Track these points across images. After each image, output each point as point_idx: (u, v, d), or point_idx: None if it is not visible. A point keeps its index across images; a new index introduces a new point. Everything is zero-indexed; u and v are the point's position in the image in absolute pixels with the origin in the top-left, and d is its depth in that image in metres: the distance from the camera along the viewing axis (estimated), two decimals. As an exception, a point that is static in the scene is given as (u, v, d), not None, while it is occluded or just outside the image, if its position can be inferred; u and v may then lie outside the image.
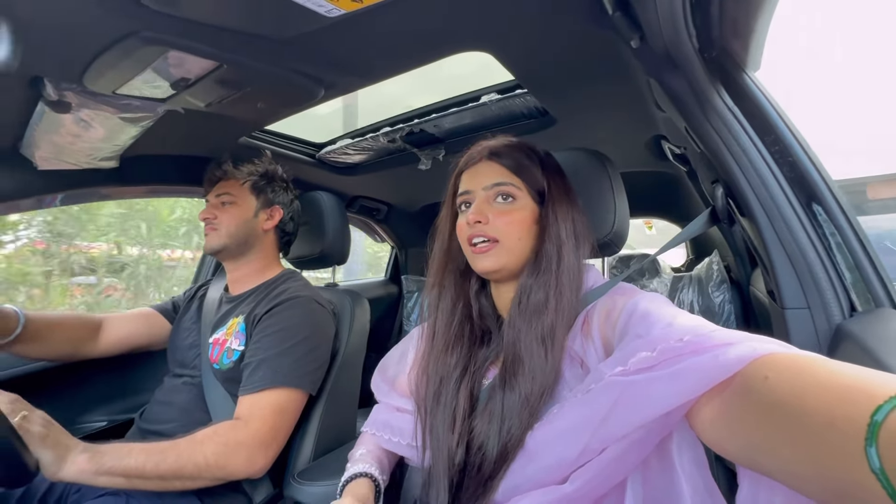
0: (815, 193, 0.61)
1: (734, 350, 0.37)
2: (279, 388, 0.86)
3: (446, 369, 0.64)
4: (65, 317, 1.02)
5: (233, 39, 0.68)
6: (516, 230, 0.62)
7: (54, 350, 0.99)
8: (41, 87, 0.74)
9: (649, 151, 1.36)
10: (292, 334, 0.92)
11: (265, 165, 1.10)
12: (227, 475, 0.79)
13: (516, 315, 0.60)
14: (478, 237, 0.62)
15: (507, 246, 0.62)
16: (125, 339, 1.08)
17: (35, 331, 0.93)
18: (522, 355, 0.57)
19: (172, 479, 0.75)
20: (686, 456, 0.44)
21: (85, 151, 0.95)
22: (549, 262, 0.60)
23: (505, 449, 0.53)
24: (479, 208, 0.63)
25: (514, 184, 0.64)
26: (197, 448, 0.77)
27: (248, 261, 1.07)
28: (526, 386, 0.55)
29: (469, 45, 0.79)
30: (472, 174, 0.67)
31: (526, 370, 0.56)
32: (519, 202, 0.63)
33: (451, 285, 0.69)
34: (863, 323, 0.53)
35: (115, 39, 0.63)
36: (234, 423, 0.82)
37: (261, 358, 0.89)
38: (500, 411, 0.56)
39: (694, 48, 0.64)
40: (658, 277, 1.75)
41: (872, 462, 0.24)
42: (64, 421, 1.13)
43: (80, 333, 1.02)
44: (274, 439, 0.84)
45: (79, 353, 1.03)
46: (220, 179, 1.07)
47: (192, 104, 0.85)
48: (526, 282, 0.61)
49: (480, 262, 0.62)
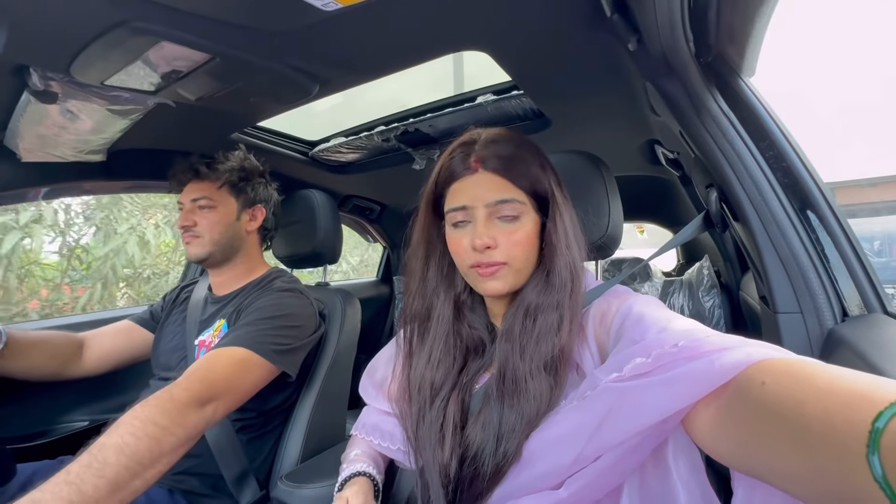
0: (808, 199, 0.62)
1: (730, 355, 0.37)
2: (237, 348, 0.81)
3: (433, 389, 0.60)
4: (49, 334, 0.99)
5: (226, 31, 0.66)
6: (523, 251, 0.57)
7: (38, 367, 0.95)
8: (26, 77, 0.72)
9: (643, 156, 1.37)
10: (263, 313, 0.90)
11: (240, 161, 1.04)
12: (188, 432, 0.68)
13: (517, 330, 0.56)
14: (486, 265, 0.56)
15: (515, 268, 0.57)
16: (107, 355, 1.05)
17: (18, 348, 0.90)
18: (527, 379, 0.53)
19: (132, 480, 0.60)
20: (682, 461, 0.44)
21: (71, 144, 0.93)
22: (564, 283, 0.56)
23: (499, 466, 0.52)
24: (487, 231, 0.56)
25: (518, 199, 0.57)
26: (138, 424, 0.63)
27: (233, 264, 1.04)
28: (529, 409, 0.52)
29: (467, 43, 0.79)
30: (469, 185, 0.58)
31: (531, 395, 0.52)
32: (523, 218, 0.57)
33: (434, 298, 0.64)
34: (854, 328, 0.54)
35: (104, 28, 0.62)
36: (174, 382, 0.73)
37: (229, 333, 0.87)
38: (496, 426, 0.53)
39: (691, 52, 0.65)
40: (649, 281, 1.76)
41: (875, 470, 0.23)
42: (45, 420, 1.12)
43: (64, 350, 0.99)
44: (227, 390, 0.76)
45: (64, 372, 1.00)
46: (192, 180, 1.00)
47: (182, 97, 0.84)
48: (533, 299, 0.57)
49: (488, 284, 0.57)
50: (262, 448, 0.96)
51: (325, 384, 1.03)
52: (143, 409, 0.66)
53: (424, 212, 0.64)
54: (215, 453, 0.87)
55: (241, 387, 0.80)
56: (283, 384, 0.94)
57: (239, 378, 0.79)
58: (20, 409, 1.04)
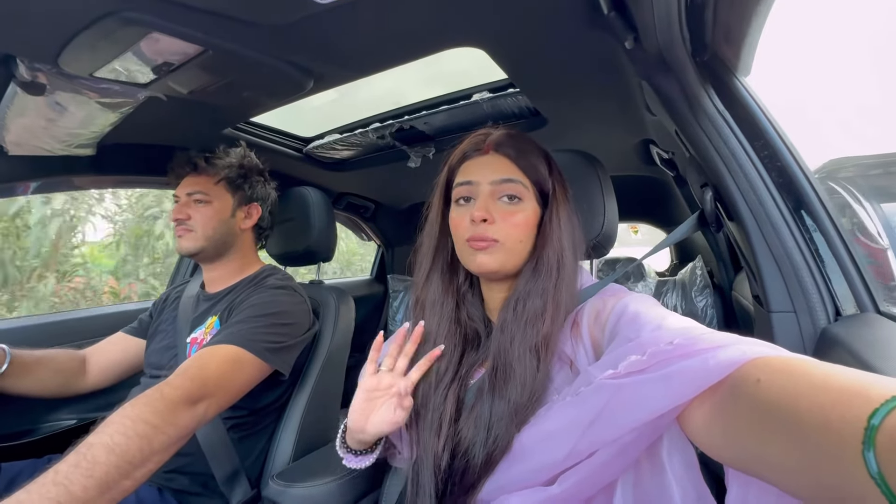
0: (802, 198, 0.62)
1: (724, 353, 0.37)
2: (229, 346, 0.81)
3: (437, 375, 0.62)
4: (52, 352, 0.98)
5: (219, 23, 0.65)
6: (519, 233, 0.59)
7: (43, 384, 0.95)
8: (13, 67, 0.70)
9: (637, 155, 1.37)
10: (256, 310, 0.89)
11: (239, 158, 1.03)
12: (179, 431, 0.67)
13: (510, 320, 0.58)
14: (479, 239, 0.58)
15: (507, 247, 0.59)
16: (108, 369, 1.05)
17: (23, 366, 0.90)
18: (513, 363, 0.55)
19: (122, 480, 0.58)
20: (676, 459, 0.44)
21: (60, 137, 0.91)
22: (550, 270, 0.58)
23: (490, 456, 0.52)
24: (486, 205, 0.58)
25: (522, 182, 0.60)
26: (128, 423, 0.62)
27: (226, 261, 1.03)
28: (516, 394, 0.53)
29: (463, 40, 0.79)
30: (479, 164, 0.62)
31: (517, 379, 0.54)
32: (524, 203, 0.60)
33: (438, 285, 0.67)
34: (847, 327, 0.54)
35: (94, 18, 0.60)
36: (165, 381, 0.71)
37: (221, 331, 0.86)
38: (487, 417, 0.54)
39: (687, 51, 0.65)
40: (643, 281, 1.77)
41: (871, 467, 0.23)
42: (31, 418, 1.10)
43: (68, 366, 0.99)
44: (219, 388, 0.75)
45: (69, 388, 0.99)
46: (189, 174, 1.00)
47: (174, 91, 0.82)
48: (524, 287, 0.58)
49: (478, 258, 0.59)
50: (253, 447, 0.95)
51: (318, 383, 1.02)
52: (133, 407, 0.64)
53: (437, 196, 0.67)
54: (206, 452, 0.86)
55: (234, 385, 0.79)
56: (275, 382, 0.93)
57: (231, 376, 0.78)
58: (4, 406, 1.02)
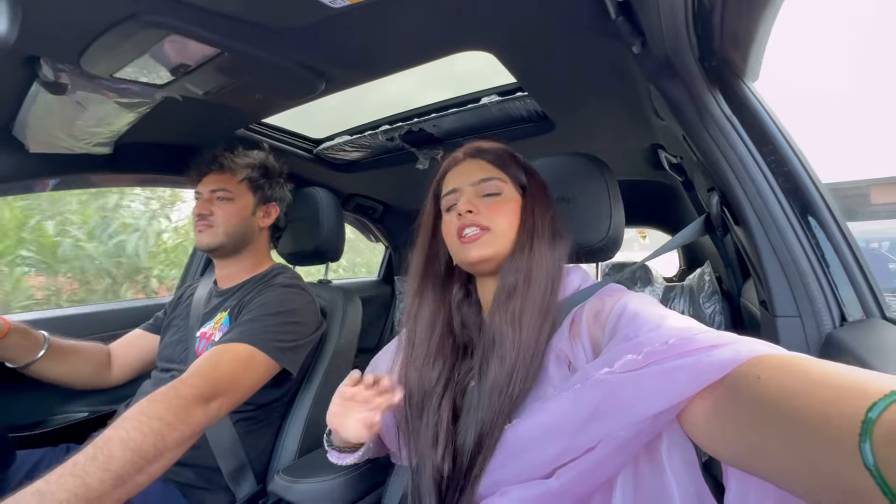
0: (809, 204, 0.62)
1: (721, 352, 0.37)
2: (241, 344, 0.83)
3: (429, 384, 0.62)
4: (83, 343, 1.03)
5: (235, 26, 0.67)
6: (506, 218, 0.63)
7: (76, 371, 0.99)
8: (37, 67, 0.73)
9: (645, 160, 1.37)
10: (267, 309, 0.91)
11: (262, 159, 1.07)
12: (192, 428, 0.68)
13: (494, 308, 0.60)
14: (469, 227, 0.62)
15: (496, 232, 0.62)
16: (129, 365, 1.08)
17: (60, 352, 0.95)
18: (494, 339, 0.57)
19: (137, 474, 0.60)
20: (676, 457, 0.44)
21: (79, 136, 0.94)
22: (522, 250, 0.61)
23: (480, 440, 0.53)
24: (469, 200, 0.63)
25: (499, 178, 0.65)
26: (143, 419, 0.63)
27: (241, 258, 1.06)
28: (495, 370, 0.55)
29: (473, 44, 0.80)
30: (459, 172, 0.68)
31: (495, 354, 0.56)
32: (505, 194, 0.64)
33: (431, 294, 0.68)
34: (853, 332, 0.54)
35: (115, 21, 0.62)
36: (179, 378, 0.73)
37: (232, 329, 0.88)
38: (476, 402, 0.56)
39: (694, 56, 0.65)
40: (650, 286, 1.76)
41: (866, 458, 0.24)
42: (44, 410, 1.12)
43: (98, 358, 1.03)
44: (231, 387, 0.77)
45: (96, 379, 1.03)
46: (213, 171, 1.04)
47: (190, 92, 0.84)
48: (506, 269, 0.61)
49: (472, 251, 0.61)
50: (259, 441, 0.97)
51: (324, 381, 1.03)
52: (148, 404, 0.66)
53: (427, 208, 0.72)
54: (213, 446, 0.88)
55: (245, 384, 0.81)
56: (282, 379, 0.95)
57: (243, 375, 0.80)
58: (20, 397, 1.04)
